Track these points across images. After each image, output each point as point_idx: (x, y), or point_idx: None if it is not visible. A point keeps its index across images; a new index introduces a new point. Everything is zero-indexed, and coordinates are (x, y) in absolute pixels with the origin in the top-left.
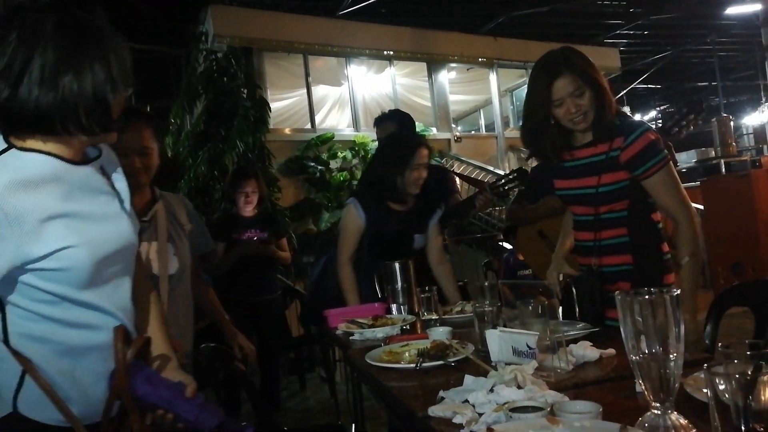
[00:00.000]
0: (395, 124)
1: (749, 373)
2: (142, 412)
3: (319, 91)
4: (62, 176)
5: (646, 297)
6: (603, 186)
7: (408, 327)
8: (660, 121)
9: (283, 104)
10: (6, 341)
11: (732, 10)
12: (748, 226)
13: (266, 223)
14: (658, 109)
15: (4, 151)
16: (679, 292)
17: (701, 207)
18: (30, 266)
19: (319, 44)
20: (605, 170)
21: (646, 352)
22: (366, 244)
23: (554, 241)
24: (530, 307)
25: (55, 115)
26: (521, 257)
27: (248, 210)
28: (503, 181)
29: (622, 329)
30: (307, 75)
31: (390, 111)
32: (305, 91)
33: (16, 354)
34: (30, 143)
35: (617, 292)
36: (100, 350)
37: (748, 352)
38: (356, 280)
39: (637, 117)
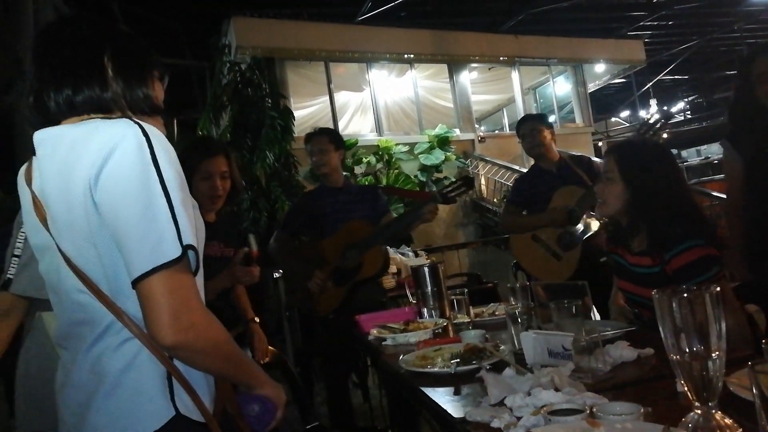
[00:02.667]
0: (326, 139)
1: None
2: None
3: (341, 97)
4: None
5: (685, 295)
6: None
7: (440, 331)
8: (689, 112)
9: (306, 112)
10: None
11: None
12: None
13: (230, 230)
14: (685, 100)
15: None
16: (719, 288)
17: None
18: None
19: (340, 51)
20: (657, 285)
21: (687, 351)
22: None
23: (548, 243)
24: (564, 308)
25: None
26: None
27: (215, 207)
28: (450, 188)
29: (660, 328)
30: (329, 82)
31: (320, 128)
32: (327, 98)
33: (158, 352)
34: None
35: (654, 291)
36: None
37: None
38: None
39: (665, 109)
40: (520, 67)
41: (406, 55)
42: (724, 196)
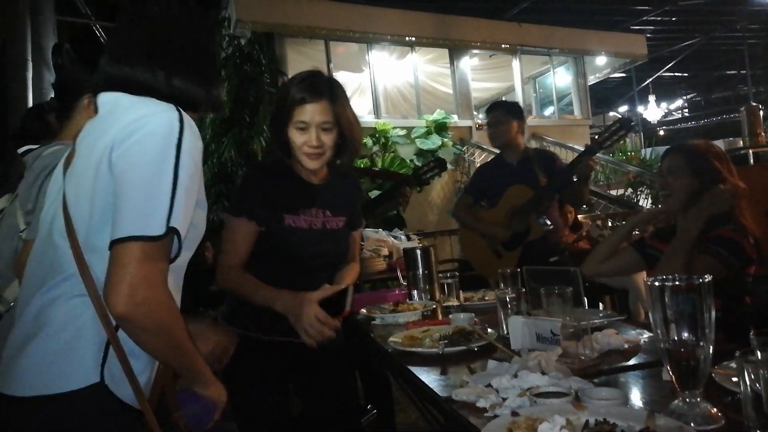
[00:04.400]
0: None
1: None
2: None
3: (339, 77)
4: None
5: (677, 283)
6: None
7: (429, 313)
8: (687, 110)
9: None
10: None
11: None
12: None
13: (345, 197)
14: (684, 98)
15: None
16: (710, 278)
17: None
18: None
19: (341, 30)
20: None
21: (676, 339)
22: None
23: (492, 240)
24: (554, 294)
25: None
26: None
27: (316, 166)
28: (423, 170)
29: (651, 316)
30: (328, 61)
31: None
32: None
33: (105, 317)
34: None
35: (646, 278)
36: None
37: None
38: None
39: (663, 105)
40: (521, 56)
41: (407, 38)
42: None
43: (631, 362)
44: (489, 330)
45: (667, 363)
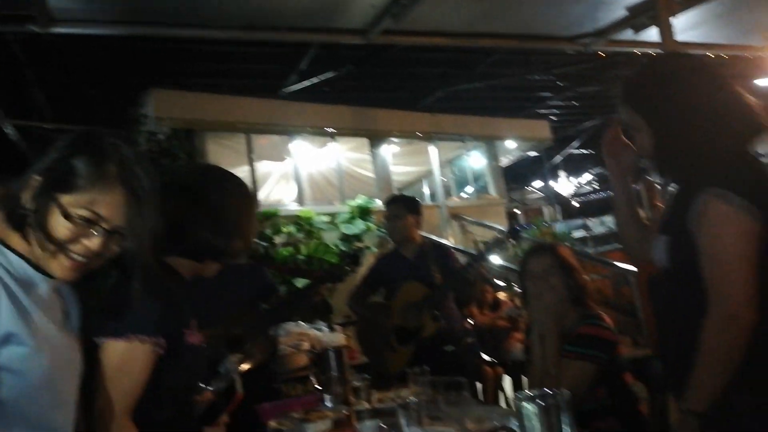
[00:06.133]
0: None
1: None
2: None
3: (263, 166)
4: None
5: (538, 400)
6: None
7: (343, 419)
8: (596, 183)
9: None
10: None
11: None
12: None
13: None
14: (591, 172)
15: None
16: (566, 393)
17: (634, 268)
18: None
19: (261, 123)
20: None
21: None
22: None
23: (387, 335)
24: (448, 398)
25: None
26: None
27: None
28: (336, 268)
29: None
30: (249, 152)
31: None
32: (249, 167)
33: None
34: None
35: (516, 393)
36: None
37: None
38: None
39: (573, 180)
40: (437, 142)
41: (328, 129)
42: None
43: None
44: None
45: None
